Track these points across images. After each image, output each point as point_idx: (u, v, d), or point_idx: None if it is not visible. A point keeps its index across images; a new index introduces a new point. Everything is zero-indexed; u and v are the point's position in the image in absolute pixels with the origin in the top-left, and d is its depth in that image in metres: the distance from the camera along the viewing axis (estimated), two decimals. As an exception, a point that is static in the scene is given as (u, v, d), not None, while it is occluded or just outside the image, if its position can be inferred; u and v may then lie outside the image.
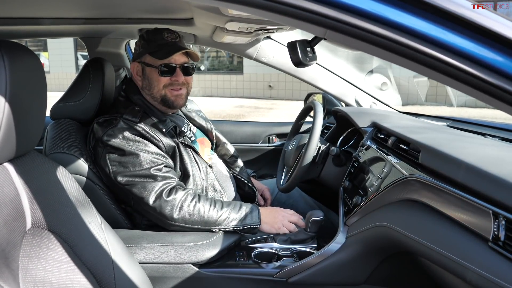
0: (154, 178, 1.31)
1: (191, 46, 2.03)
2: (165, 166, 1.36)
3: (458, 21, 0.55)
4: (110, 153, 1.34)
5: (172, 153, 1.42)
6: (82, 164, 1.36)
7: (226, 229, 1.36)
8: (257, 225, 1.38)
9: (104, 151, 1.35)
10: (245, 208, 1.40)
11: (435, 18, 0.56)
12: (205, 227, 1.34)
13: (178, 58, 1.43)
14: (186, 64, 1.45)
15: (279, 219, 1.42)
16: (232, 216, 1.36)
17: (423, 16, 0.56)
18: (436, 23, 0.56)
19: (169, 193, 1.31)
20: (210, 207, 1.34)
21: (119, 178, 1.32)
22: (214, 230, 1.35)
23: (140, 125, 1.37)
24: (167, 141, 1.40)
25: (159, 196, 1.30)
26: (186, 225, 1.32)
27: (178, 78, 1.44)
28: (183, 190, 1.35)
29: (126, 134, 1.34)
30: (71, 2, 1.28)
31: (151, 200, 1.30)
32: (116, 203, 1.42)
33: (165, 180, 1.33)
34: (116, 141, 1.33)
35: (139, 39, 1.48)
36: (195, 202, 1.33)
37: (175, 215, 1.30)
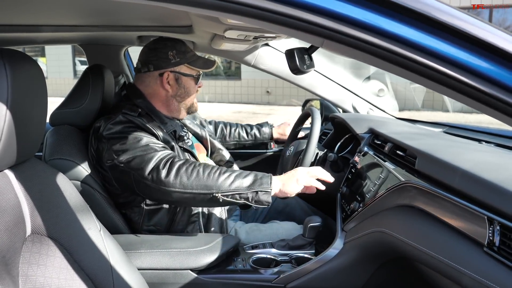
0: (153, 150, 1.31)
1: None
2: (163, 147, 1.36)
3: (452, 32, 0.57)
4: (113, 145, 1.33)
5: None
6: (82, 170, 1.36)
7: (231, 194, 1.24)
8: (268, 189, 1.25)
9: (108, 144, 1.34)
10: (254, 174, 1.29)
11: (429, 29, 0.57)
12: (206, 191, 1.24)
13: None
14: None
15: (298, 176, 1.31)
16: (237, 180, 1.25)
17: (417, 26, 0.58)
18: (430, 33, 0.57)
19: (167, 161, 1.28)
20: (211, 170, 1.27)
21: (120, 158, 1.30)
22: (217, 196, 1.24)
23: (139, 119, 1.39)
24: (166, 139, 1.41)
25: (157, 164, 1.27)
26: (186, 190, 1.24)
27: (201, 86, 1.57)
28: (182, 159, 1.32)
29: (125, 125, 1.36)
30: (71, 9, 1.28)
31: (148, 169, 1.26)
32: (115, 209, 1.43)
33: (164, 151, 1.32)
34: (116, 132, 1.34)
35: (166, 49, 1.47)
36: (193, 166, 1.27)
37: (172, 179, 1.24)
